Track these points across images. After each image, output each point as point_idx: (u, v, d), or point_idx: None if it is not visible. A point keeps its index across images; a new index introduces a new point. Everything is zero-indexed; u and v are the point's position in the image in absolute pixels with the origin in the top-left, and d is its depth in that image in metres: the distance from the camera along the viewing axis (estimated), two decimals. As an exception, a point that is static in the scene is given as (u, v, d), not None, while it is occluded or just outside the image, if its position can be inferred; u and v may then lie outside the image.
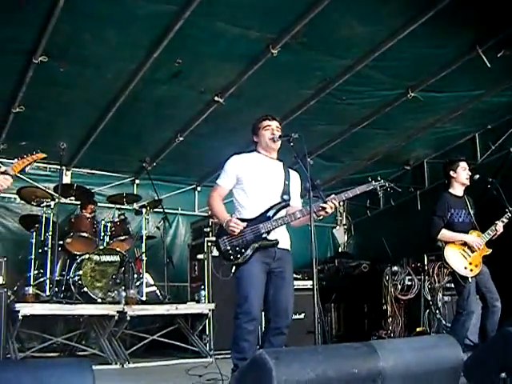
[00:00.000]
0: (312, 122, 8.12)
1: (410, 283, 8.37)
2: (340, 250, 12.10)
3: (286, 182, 4.94)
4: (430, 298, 8.22)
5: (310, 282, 7.88)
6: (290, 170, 5.06)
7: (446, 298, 8.27)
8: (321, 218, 4.69)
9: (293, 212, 4.73)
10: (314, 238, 4.20)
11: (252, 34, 6.22)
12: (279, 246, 4.74)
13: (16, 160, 4.12)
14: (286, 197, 4.86)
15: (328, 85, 7.30)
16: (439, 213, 6.00)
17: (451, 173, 6.13)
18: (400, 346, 3.23)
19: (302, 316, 7.69)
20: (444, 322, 7.98)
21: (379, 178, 5.03)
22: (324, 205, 4.58)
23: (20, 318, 6.29)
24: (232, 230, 4.67)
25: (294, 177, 5.08)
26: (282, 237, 4.80)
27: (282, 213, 4.80)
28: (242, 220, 4.75)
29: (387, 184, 5.04)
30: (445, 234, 5.95)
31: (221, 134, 8.37)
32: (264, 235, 4.68)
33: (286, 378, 2.24)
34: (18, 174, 4.23)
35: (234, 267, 4.68)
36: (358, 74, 7.00)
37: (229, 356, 5.02)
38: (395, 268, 8.42)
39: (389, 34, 6.30)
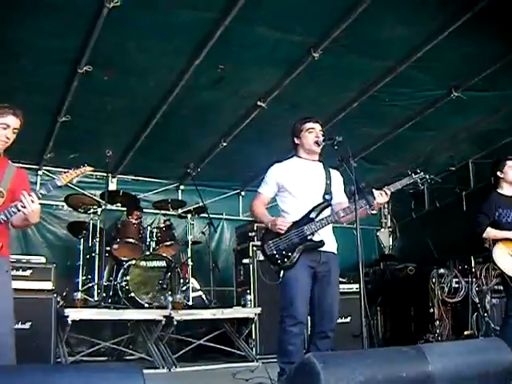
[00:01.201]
0: (354, 124, 8.06)
1: (457, 286, 8.24)
2: (385, 253, 11.98)
3: (328, 182, 4.93)
4: (477, 301, 8.09)
5: (356, 286, 7.97)
6: (330, 169, 5.05)
7: (494, 301, 8.13)
8: (375, 212, 4.67)
9: (336, 211, 4.73)
10: (360, 240, 4.17)
11: (293, 38, 6.22)
12: (325, 249, 4.73)
13: (65, 172, 4.17)
14: (327, 196, 4.85)
15: (370, 87, 7.25)
16: (485, 211, 5.87)
17: (498, 172, 6.00)
18: (449, 349, 3.19)
19: (348, 319, 7.62)
20: (492, 325, 7.85)
21: (418, 171, 4.95)
22: (375, 192, 4.57)
23: (69, 322, 6.42)
24: (279, 228, 4.68)
25: (335, 175, 5.07)
26: (327, 239, 4.78)
27: (326, 213, 4.79)
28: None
29: (427, 176, 4.95)
30: (490, 231, 5.79)
31: (263, 138, 8.37)
32: (309, 237, 4.67)
33: (335, 382, 2.24)
34: (70, 185, 4.26)
35: (281, 271, 4.68)
36: (400, 76, 6.93)
37: (275, 360, 5.02)
38: (442, 270, 8.29)
39: (430, 33, 6.22)
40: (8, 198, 4.10)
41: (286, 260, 4.65)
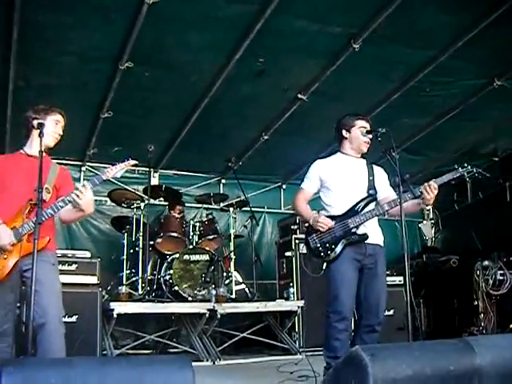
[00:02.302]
0: (395, 115, 7.97)
1: (501, 278, 8.10)
2: (427, 245, 11.86)
3: (371, 178, 4.91)
4: (523, 293, 7.97)
5: (399, 278, 7.92)
6: (373, 165, 5.02)
7: (540, 293, 8.00)
8: (429, 207, 4.64)
9: (381, 204, 4.70)
10: (406, 232, 4.13)
11: (333, 29, 6.17)
12: (370, 241, 4.71)
13: (109, 167, 4.28)
14: (372, 191, 4.83)
15: (411, 77, 7.16)
16: None
17: None
18: (497, 342, 3.14)
19: (392, 312, 7.57)
20: (539, 318, 7.73)
21: (466, 164, 4.87)
22: (421, 187, 4.54)
23: (115, 316, 6.51)
24: (320, 227, 4.68)
25: (378, 171, 5.05)
26: (373, 232, 4.76)
27: (370, 207, 4.77)
28: (330, 217, 4.75)
29: (475, 170, 4.84)
30: None
31: (304, 131, 8.35)
32: (353, 230, 4.66)
33: (383, 375, 2.22)
34: (110, 178, 4.36)
35: (324, 264, 4.67)
36: (442, 65, 6.81)
37: (319, 353, 5.02)
38: (486, 262, 8.16)
39: (472, 21, 6.09)
40: (54, 195, 4.25)
41: (329, 253, 4.64)
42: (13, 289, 4.10)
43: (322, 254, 4.68)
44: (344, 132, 5.01)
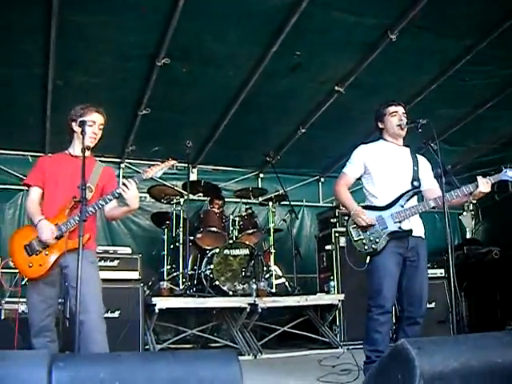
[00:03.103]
0: (434, 106, 7.86)
1: (545, 269, 8.00)
2: (468, 237, 11.73)
3: (415, 168, 4.86)
4: None
5: (440, 271, 7.86)
6: (417, 155, 4.98)
7: None
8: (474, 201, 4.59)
9: (427, 201, 4.65)
10: (449, 224, 4.09)
11: (368, 21, 6.12)
12: (413, 234, 4.67)
13: (150, 167, 4.34)
14: (416, 183, 4.79)
15: (449, 67, 7.07)
16: None
17: None
18: (544, 334, 3.09)
19: (433, 305, 7.51)
20: None
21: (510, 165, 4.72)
22: (479, 180, 4.49)
23: (156, 311, 6.56)
24: (359, 222, 4.66)
25: (423, 161, 5.00)
26: (415, 224, 4.73)
27: (414, 199, 4.74)
28: (373, 208, 4.72)
29: None
30: None
31: (342, 124, 8.31)
32: (397, 224, 4.62)
33: (429, 368, 2.20)
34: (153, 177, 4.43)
35: (368, 257, 4.65)
36: (480, 53, 6.71)
37: (360, 347, 5.00)
38: (528, 254, 8.06)
39: (510, 8, 6.01)
40: (96, 194, 4.33)
41: (373, 246, 4.62)
42: (54, 284, 4.19)
43: (366, 246, 4.65)
44: (379, 123, 5.00)
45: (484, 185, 4.51)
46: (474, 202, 4.54)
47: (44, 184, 4.35)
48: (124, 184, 4.16)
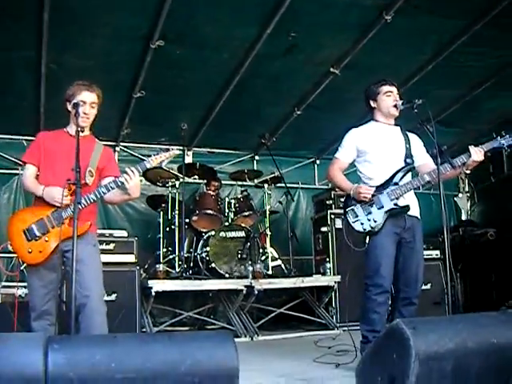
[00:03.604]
0: (430, 87, 7.83)
1: (541, 250, 8.01)
2: (463, 219, 11.74)
3: (407, 146, 4.86)
4: None
5: (436, 252, 7.89)
6: (407, 132, 4.97)
7: None
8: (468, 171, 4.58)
9: (421, 175, 4.65)
10: (445, 205, 4.09)
11: (364, 1, 6.09)
12: (409, 213, 4.68)
13: (152, 156, 4.30)
14: (409, 160, 4.79)
15: (445, 48, 7.05)
16: None
17: None
18: (539, 313, 3.10)
19: (428, 286, 7.54)
20: None
21: (504, 134, 4.70)
22: (472, 149, 4.48)
23: (153, 294, 6.59)
24: (364, 196, 4.65)
25: (414, 138, 4.99)
26: (411, 203, 4.73)
27: (408, 176, 4.73)
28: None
29: None
30: None
31: (337, 105, 8.29)
32: (394, 201, 4.62)
33: (425, 348, 2.22)
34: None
35: (367, 237, 4.65)
36: (476, 34, 6.68)
37: (356, 328, 5.02)
38: (524, 235, 8.08)
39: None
40: (97, 177, 4.32)
41: (372, 225, 4.62)
42: (55, 269, 4.16)
43: (364, 226, 4.65)
44: (372, 102, 4.97)
45: (477, 153, 4.49)
46: (468, 172, 4.49)
47: (39, 162, 4.31)
48: (127, 173, 4.13)
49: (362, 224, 4.67)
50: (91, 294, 3.99)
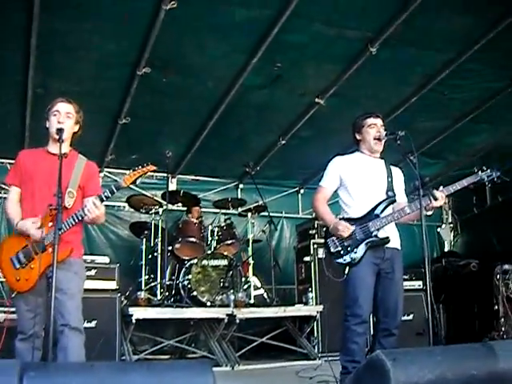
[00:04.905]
0: (414, 119, 7.92)
1: (522, 282, 8.03)
2: (447, 250, 11.78)
3: (389, 179, 4.89)
4: (544, 298, 7.86)
5: (418, 283, 7.89)
6: (391, 166, 5.00)
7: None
8: (430, 213, 4.59)
9: (401, 207, 4.67)
10: (426, 236, 4.11)
11: (349, 33, 6.15)
12: (389, 245, 4.69)
13: (128, 172, 4.25)
14: (390, 193, 4.81)
15: (429, 80, 7.12)
16: None
17: None
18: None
19: (411, 317, 7.54)
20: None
21: (485, 168, 4.80)
22: (436, 193, 4.48)
23: (133, 321, 6.53)
24: (341, 234, 4.66)
25: (397, 173, 5.03)
26: (391, 235, 4.74)
27: (389, 209, 4.75)
28: (350, 220, 4.74)
29: (494, 174, 4.78)
30: None
31: (322, 135, 8.34)
32: (374, 233, 4.63)
33: (404, 380, 2.21)
34: (131, 186, 4.35)
35: (347, 268, 4.65)
36: (459, 68, 6.77)
37: (337, 358, 5.00)
38: (506, 266, 8.02)
39: (489, 24, 6.04)
40: (78, 197, 4.26)
41: (352, 256, 4.63)
42: (41, 293, 4.09)
43: (344, 257, 4.66)
44: (357, 135, 5.00)
45: (439, 199, 4.53)
46: (430, 213, 4.52)
47: (20, 183, 4.28)
48: (87, 207, 4.05)
49: (341, 255, 4.68)
50: (69, 323, 3.94)
